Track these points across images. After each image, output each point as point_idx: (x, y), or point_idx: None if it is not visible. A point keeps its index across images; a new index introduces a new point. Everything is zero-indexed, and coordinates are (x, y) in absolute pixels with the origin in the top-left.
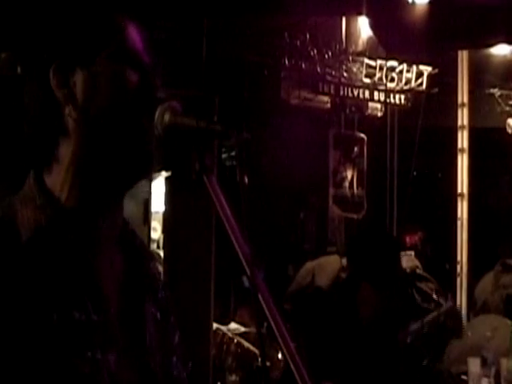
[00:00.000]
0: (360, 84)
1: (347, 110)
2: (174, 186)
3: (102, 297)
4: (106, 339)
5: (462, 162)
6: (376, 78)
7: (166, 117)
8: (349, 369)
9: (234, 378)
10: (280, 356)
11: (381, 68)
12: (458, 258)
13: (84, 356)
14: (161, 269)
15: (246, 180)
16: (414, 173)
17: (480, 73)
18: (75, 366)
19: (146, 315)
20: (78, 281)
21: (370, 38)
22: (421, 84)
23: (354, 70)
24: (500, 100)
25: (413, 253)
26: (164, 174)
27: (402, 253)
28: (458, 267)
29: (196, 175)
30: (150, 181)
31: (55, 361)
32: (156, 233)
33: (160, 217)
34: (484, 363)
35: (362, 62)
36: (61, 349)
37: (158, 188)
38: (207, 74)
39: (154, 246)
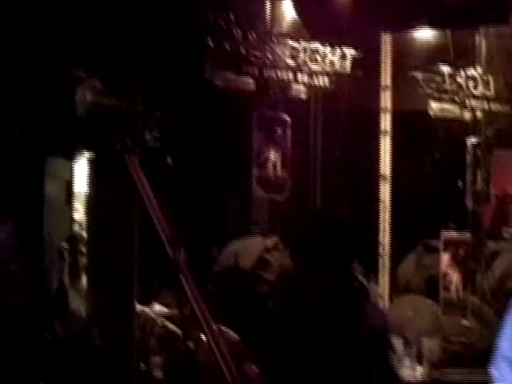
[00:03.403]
0: (284, 66)
1: (271, 92)
2: (96, 167)
3: None
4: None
5: (385, 145)
6: (300, 60)
7: (88, 96)
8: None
9: (157, 359)
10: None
11: (305, 50)
12: (381, 239)
13: None
14: (84, 250)
15: (170, 161)
16: (337, 154)
17: (403, 56)
18: None
19: None
20: None
21: (294, 20)
22: (345, 66)
23: (278, 51)
24: (422, 83)
25: None
26: (86, 154)
27: None
28: (381, 248)
29: (117, 155)
30: (72, 161)
31: None
32: (79, 214)
33: (83, 197)
34: (406, 343)
35: (286, 44)
36: None
37: (81, 168)
38: (131, 54)
39: (76, 228)
